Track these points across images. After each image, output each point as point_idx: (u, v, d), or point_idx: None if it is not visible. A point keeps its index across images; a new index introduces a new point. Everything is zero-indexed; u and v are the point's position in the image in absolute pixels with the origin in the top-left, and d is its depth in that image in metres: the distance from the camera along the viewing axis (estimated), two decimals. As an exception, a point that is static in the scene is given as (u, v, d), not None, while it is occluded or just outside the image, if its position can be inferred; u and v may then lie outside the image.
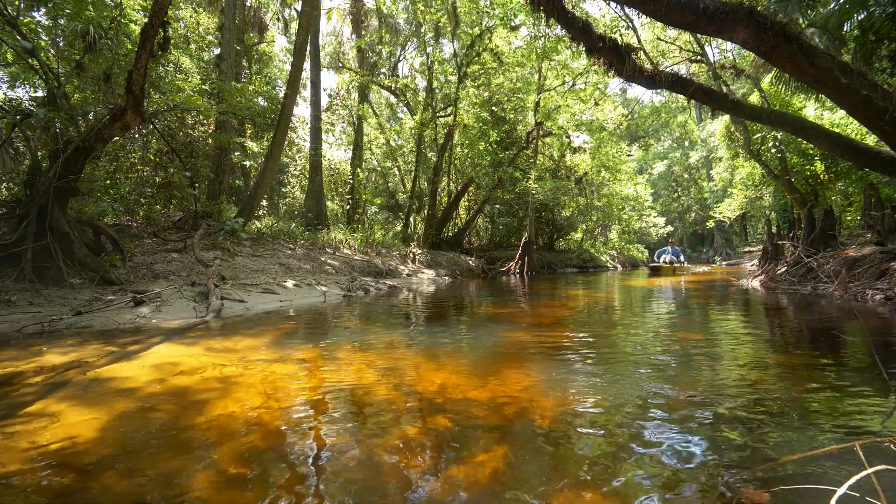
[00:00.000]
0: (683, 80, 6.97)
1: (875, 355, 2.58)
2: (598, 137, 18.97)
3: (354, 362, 2.99)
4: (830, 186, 11.66)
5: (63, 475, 1.51)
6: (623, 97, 32.59)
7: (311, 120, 16.59)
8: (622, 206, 24.61)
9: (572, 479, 1.45)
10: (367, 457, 1.62)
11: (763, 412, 2.00)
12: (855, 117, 6.66)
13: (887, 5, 6.53)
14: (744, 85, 19.29)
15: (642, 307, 6.39)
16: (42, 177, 5.57)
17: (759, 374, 2.61)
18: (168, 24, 6.10)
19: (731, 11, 5.37)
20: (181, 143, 10.31)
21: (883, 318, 4.52)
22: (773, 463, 1.51)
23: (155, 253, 7.35)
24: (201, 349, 3.38)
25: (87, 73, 7.28)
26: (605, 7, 14.54)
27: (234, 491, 1.40)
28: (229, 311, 5.44)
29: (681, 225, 36.90)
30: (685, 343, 3.56)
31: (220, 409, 2.09)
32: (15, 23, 6.05)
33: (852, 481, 1.13)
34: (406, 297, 7.88)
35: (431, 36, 17.65)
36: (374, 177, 24.63)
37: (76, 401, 2.22)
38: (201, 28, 13.53)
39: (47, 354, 3.15)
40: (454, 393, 2.31)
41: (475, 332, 4.22)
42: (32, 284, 5.12)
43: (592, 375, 2.62)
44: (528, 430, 1.84)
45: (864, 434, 1.73)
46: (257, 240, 10.00)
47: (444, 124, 17.78)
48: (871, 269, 6.53)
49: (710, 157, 30.26)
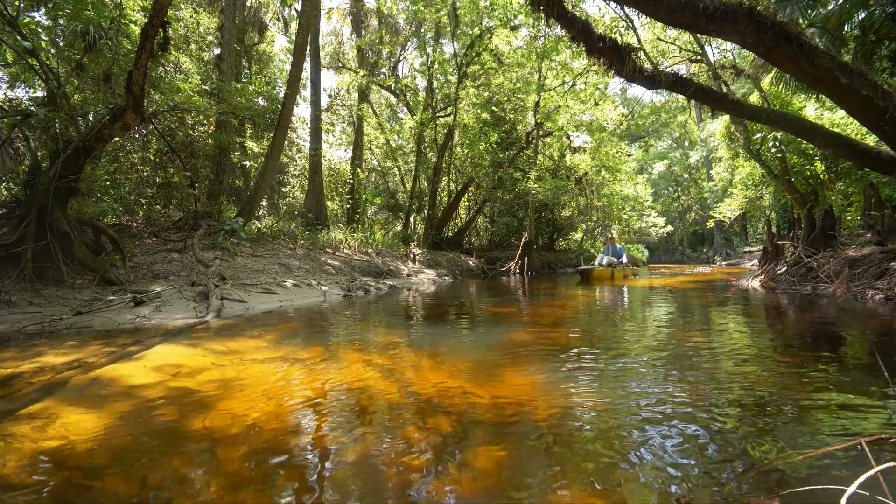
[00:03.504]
0: (683, 80, 6.96)
1: (876, 354, 2.58)
2: (598, 137, 18.95)
3: (355, 362, 2.99)
4: (830, 186, 11.66)
5: (63, 476, 1.51)
6: (623, 97, 32.59)
7: (311, 120, 16.59)
8: (622, 206, 24.59)
9: (573, 479, 1.45)
10: (368, 457, 1.62)
11: (765, 412, 2.00)
12: (855, 117, 6.66)
13: (887, 5, 6.53)
14: (744, 85, 19.29)
15: (642, 307, 6.39)
16: (42, 177, 5.57)
17: (760, 374, 2.60)
18: (168, 24, 6.10)
19: (731, 11, 5.37)
20: (181, 143, 10.31)
21: (883, 318, 4.52)
22: (778, 464, 1.51)
23: (155, 253, 7.35)
24: (201, 349, 3.38)
25: (87, 73, 7.28)
26: (605, 7, 14.54)
27: (235, 491, 1.40)
28: (229, 311, 5.44)
29: (681, 225, 36.89)
30: (686, 343, 3.56)
31: (221, 409, 2.09)
32: (15, 23, 6.05)
33: (862, 479, 1.12)
34: (406, 297, 7.88)
35: (431, 36, 17.64)
36: (374, 177, 24.62)
37: (76, 401, 2.22)
38: (201, 28, 13.52)
39: (47, 354, 3.15)
40: (455, 393, 2.31)
41: (475, 332, 4.22)
42: (32, 284, 5.12)
43: (592, 375, 2.62)
44: (528, 431, 1.84)
45: (869, 433, 1.73)
46: (257, 240, 10.00)
47: (444, 124, 17.78)
48: (871, 269, 6.53)
49: (710, 157, 30.25)
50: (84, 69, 7.06)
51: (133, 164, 9.93)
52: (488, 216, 21.01)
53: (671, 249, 37.57)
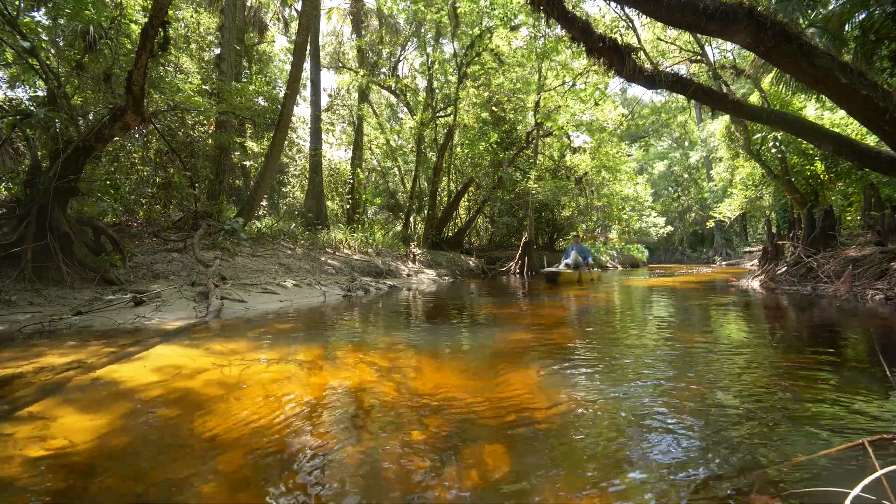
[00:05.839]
0: (683, 80, 6.96)
1: (879, 354, 2.58)
2: (598, 137, 18.95)
3: (355, 362, 2.99)
4: (830, 186, 11.65)
5: (63, 476, 1.50)
6: (623, 97, 32.59)
7: (311, 120, 16.59)
8: (622, 206, 24.60)
9: (573, 480, 1.45)
10: (368, 457, 1.62)
11: (766, 412, 2.00)
12: (855, 117, 6.66)
13: (887, 5, 6.53)
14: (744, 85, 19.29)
15: (642, 307, 6.39)
16: (42, 177, 5.56)
17: (761, 374, 2.60)
18: (168, 24, 6.10)
19: (731, 11, 5.37)
20: (181, 143, 10.31)
21: (883, 318, 4.52)
22: (780, 465, 1.51)
23: (155, 253, 7.34)
24: (201, 349, 3.37)
25: (87, 73, 7.27)
26: (605, 7, 14.55)
27: (235, 491, 1.39)
28: (229, 311, 5.43)
29: (681, 225, 36.90)
30: (686, 343, 3.56)
31: (221, 409, 2.09)
32: (15, 23, 6.04)
33: (866, 482, 1.12)
34: (406, 297, 7.88)
35: (431, 36, 17.65)
36: (374, 177, 24.62)
37: (76, 401, 2.21)
38: (201, 28, 13.52)
39: (47, 355, 3.15)
40: (455, 393, 2.30)
41: (476, 332, 4.21)
42: (32, 284, 5.12)
43: (593, 376, 2.62)
44: (528, 431, 1.84)
45: (872, 433, 1.72)
46: (257, 240, 10.00)
47: (444, 124, 17.77)
48: (871, 269, 6.53)
49: (710, 157, 30.25)
50: (84, 69, 7.06)
51: (133, 164, 9.93)
52: (488, 216, 21.01)
53: (671, 249, 37.57)
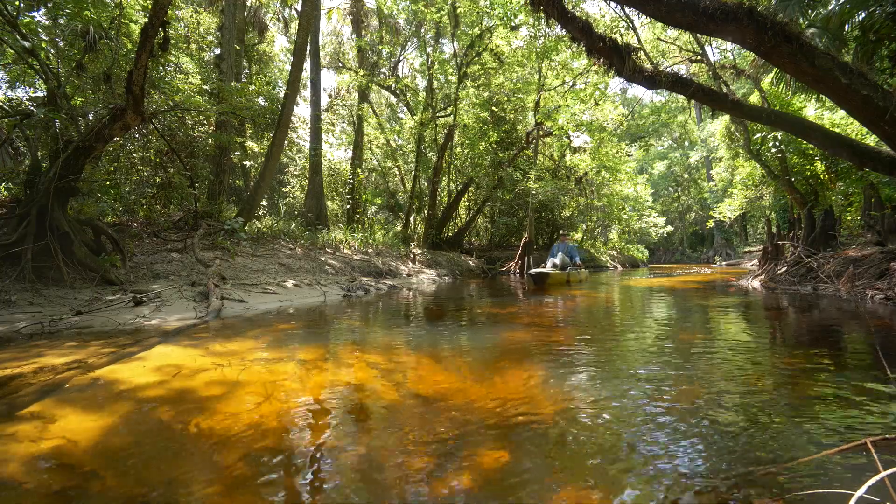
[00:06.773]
0: (683, 80, 6.95)
1: (879, 354, 2.58)
2: (598, 137, 18.95)
3: (355, 362, 2.99)
4: (830, 186, 11.65)
5: (63, 476, 1.50)
6: (623, 97, 32.59)
7: (311, 120, 16.59)
8: (622, 206, 24.61)
9: (573, 481, 1.45)
10: (368, 457, 1.62)
11: (768, 412, 2.00)
12: (855, 117, 6.65)
13: (887, 5, 6.53)
14: (744, 85, 19.31)
15: (642, 307, 6.38)
16: (42, 177, 5.56)
17: (762, 374, 2.60)
18: (168, 24, 6.09)
19: (732, 11, 5.36)
20: (181, 143, 10.29)
21: (883, 319, 4.52)
22: (782, 465, 1.50)
23: (155, 253, 7.34)
24: (201, 349, 3.37)
25: (87, 73, 7.27)
26: (605, 7, 14.54)
27: (235, 491, 1.39)
28: (229, 311, 5.43)
29: (681, 225, 36.91)
30: (686, 343, 3.56)
31: (221, 409, 2.09)
32: (15, 23, 6.04)
33: (870, 483, 1.11)
34: (406, 296, 7.88)
35: (431, 36, 17.64)
36: (374, 177, 24.62)
37: (76, 401, 2.21)
38: (201, 28, 13.52)
39: (47, 355, 3.15)
40: (455, 393, 2.30)
41: (476, 332, 4.21)
42: (32, 284, 5.11)
43: (593, 376, 2.62)
44: (528, 431, 1.84)
45: (874, 434, 1.72)
46: (257, 240, 10.00)
47: (444, 124, 17.76)
48: (871, 270, 6.53)
49: (710, 157, 30.27)
50: (84, 69, 7.05)
51: (133, 164, 9.92)
52: (488, 216, 21.00)
53: (671, 249, 37.60)
